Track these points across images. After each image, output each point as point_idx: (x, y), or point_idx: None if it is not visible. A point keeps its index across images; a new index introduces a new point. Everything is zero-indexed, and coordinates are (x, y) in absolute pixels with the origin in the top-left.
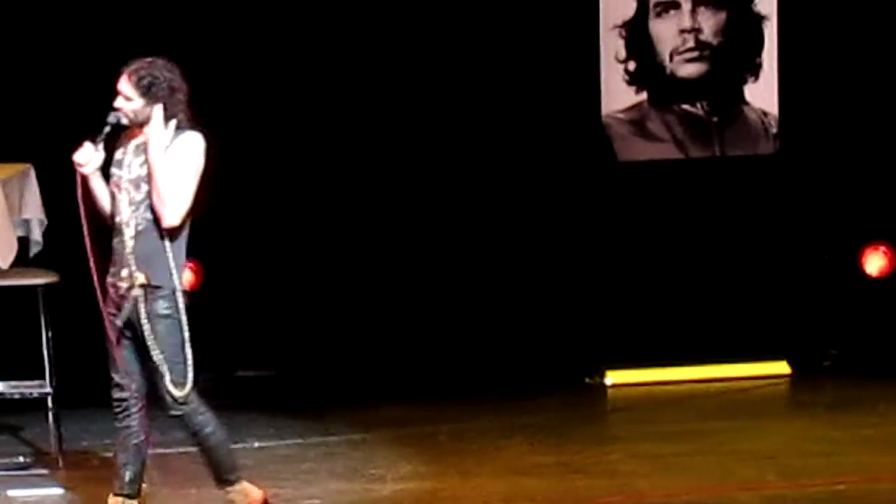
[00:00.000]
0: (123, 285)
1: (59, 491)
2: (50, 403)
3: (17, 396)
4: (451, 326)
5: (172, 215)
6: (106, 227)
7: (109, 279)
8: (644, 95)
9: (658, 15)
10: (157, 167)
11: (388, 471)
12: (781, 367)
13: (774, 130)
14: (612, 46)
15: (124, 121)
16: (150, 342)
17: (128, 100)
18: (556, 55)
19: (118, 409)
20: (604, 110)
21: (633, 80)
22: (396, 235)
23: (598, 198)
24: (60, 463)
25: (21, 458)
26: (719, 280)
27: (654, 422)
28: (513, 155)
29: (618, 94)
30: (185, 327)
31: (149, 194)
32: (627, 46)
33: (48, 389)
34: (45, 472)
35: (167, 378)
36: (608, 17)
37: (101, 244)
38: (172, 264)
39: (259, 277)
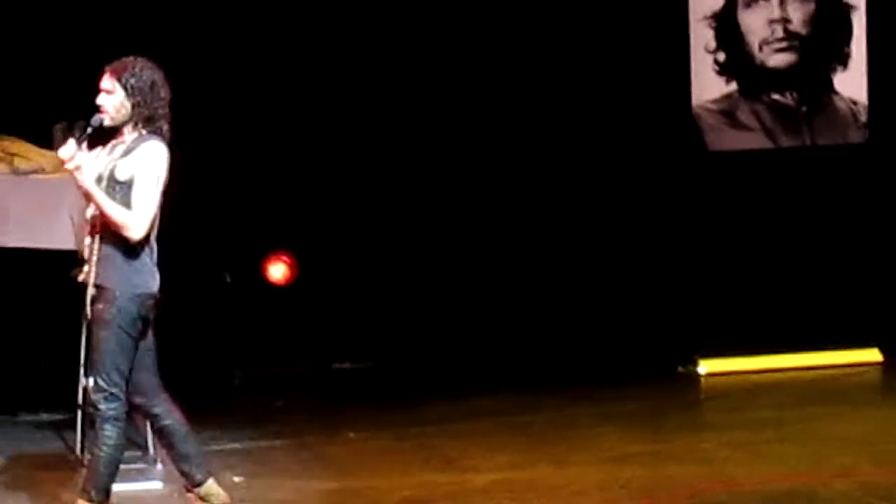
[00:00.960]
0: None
1: (157, 485)
2: None
3: None
4: (546, 316)
5: (135, 232)
6: None
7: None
8: (734, 86)
9: (747, 5)
10: (95, 195)
11: (483, 461)
12: (873, 355)
13: (864, 119)
14: (701, 37)
15: (107, 122)
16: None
17: (109, 93)
18: (646, 46)
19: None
20: (694, 101)
21: (723, 70)
22: (492, 226)
23: (689, 187)
24: (158, 457)
25: None
26: (810, 268)
27: (747, 409)
28: (605, 146)
29: (708, 85)
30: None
31: (113, 195)
32: (717, 37)
33: None
34: (143, 466)
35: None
36: (697, 7)
37: None
38: (130, 269)
39: (354, 269)
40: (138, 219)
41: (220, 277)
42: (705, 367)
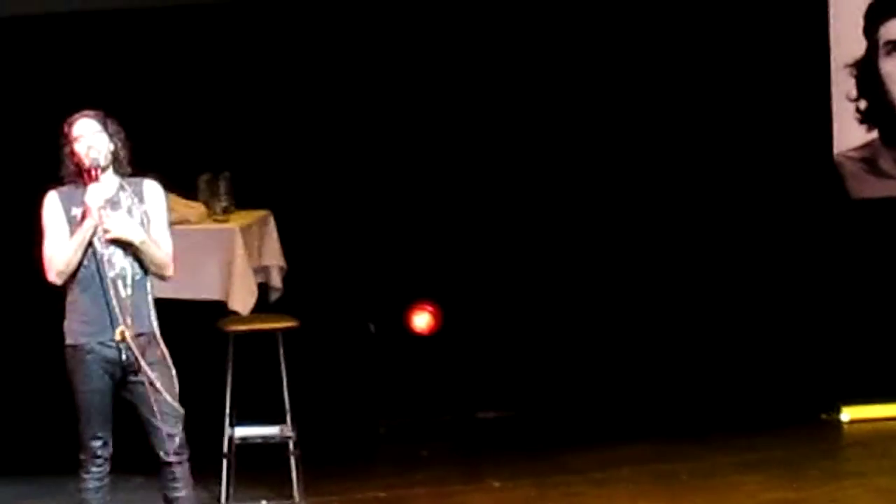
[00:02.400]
0: (118, 336)
1: None
2: (291, 447)
3: (259, 441)
4: (687, 364)
5: (171, 270)
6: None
7: (89, 337)
8: (875, 134)
9: (888, 54)
10: (142, 244)
11: None
12: None
13: None
14: (843, 85)
15: (102, 162)
16: (153, 387)
17: (100, 134)
18: (788, 94)
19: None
20: (836, 149)
21: (865, 118)
22: (632, 278)
23: (831, 235)
24: None
25: (263, 502)
26: None
27: (891, 456)
28: (747, 193)
29: (849, 133)
30: None
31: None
32: (858, 85)
33: (290, 433)
34: None
35: (169, 423)
36: (839, 56)
37: None
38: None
39: (498, 318)
40: (170, 254)
41: (365, 328)
42: (848, 413)
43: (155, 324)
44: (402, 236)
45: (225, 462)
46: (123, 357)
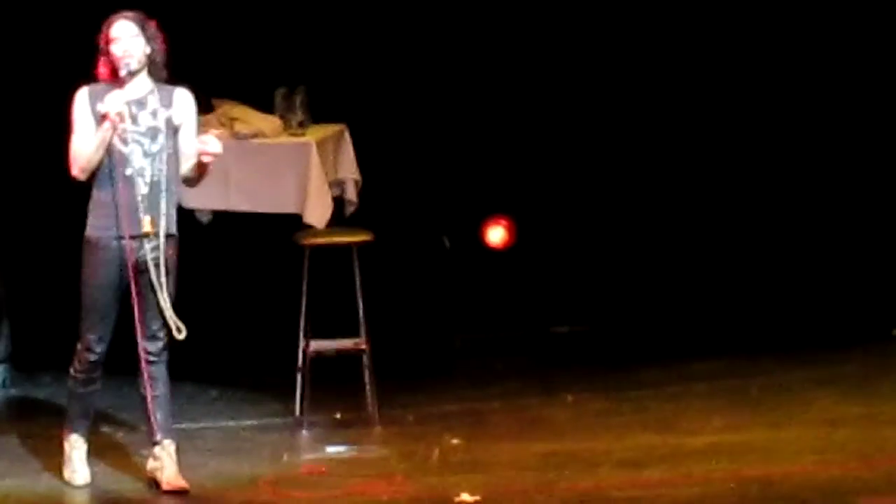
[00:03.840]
0: (136, 233)
1: (375, 447)
2: (365, 360)
3: (333, 354)
4: (763, 279)
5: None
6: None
7: (104, 232)
8: None
9: None
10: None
11: (699, 424)
12: None
13: None
14: None
15: (134, 66)
16: (161, 288)
17: (135, 38)
18: None
19: (94, 371)
20: None
21: None
22: (708, 193)
23: None
24: (376, 419)
25: (338, 415)
26: None
27: None
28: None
29: None
30: None
31: (165, 147)
32: None
33: (364, 346)
34: (361, 428)
35: (170, 323)
36: None
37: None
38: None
39: (572, 233)
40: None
41: (440, 242)
42: None
43: (173, 226)
44: (477, 150)
45: (299, 376)
46: (137, 253)
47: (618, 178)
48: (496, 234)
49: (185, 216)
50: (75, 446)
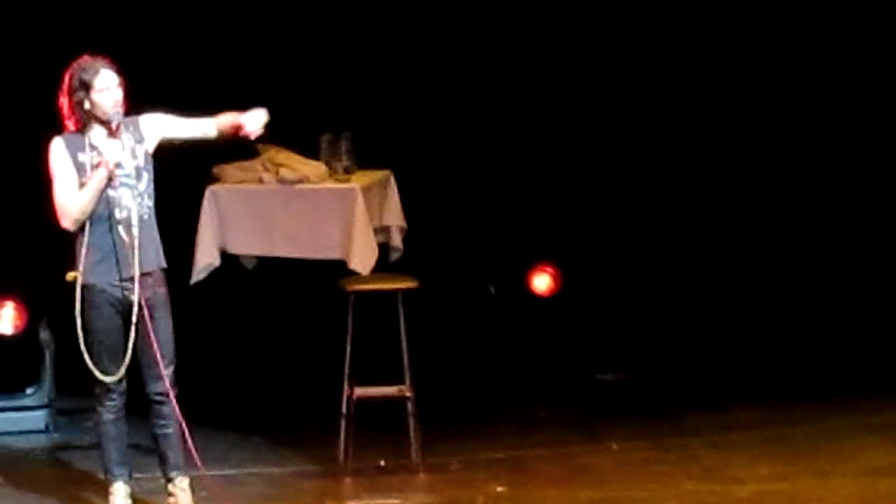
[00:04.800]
0: (131, 275)
1: (419, 495)
2: (410, 407)
3: (377, 400)
4: (807, 326)
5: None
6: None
7: (102, 277)
8: None
9: None
10: None
11: (745, 472)
12: None
13: None
14: None
15: (122, 116)
16: (160, 325)
17: (119, 88)
18: None
19: (119, 407)
20: None
21: None
22: (753, 240)
23: None
24: (420, 467)
25: (381, 462)
26: None
27: None
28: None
29: None
30: None
31: (149, 182)
32: None
33: (408, 393)
34: (405, 475)
35: (163, 363)
36: None
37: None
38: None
39: (618, 280)
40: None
41: (485, 289)
42: None
43: (163, 263)
44: (522, 197)
45: (343, 422)
46: (129, 297)
47: (662, 226)
48: (541, 281)
49: (229, 261)
50: (118, 495)
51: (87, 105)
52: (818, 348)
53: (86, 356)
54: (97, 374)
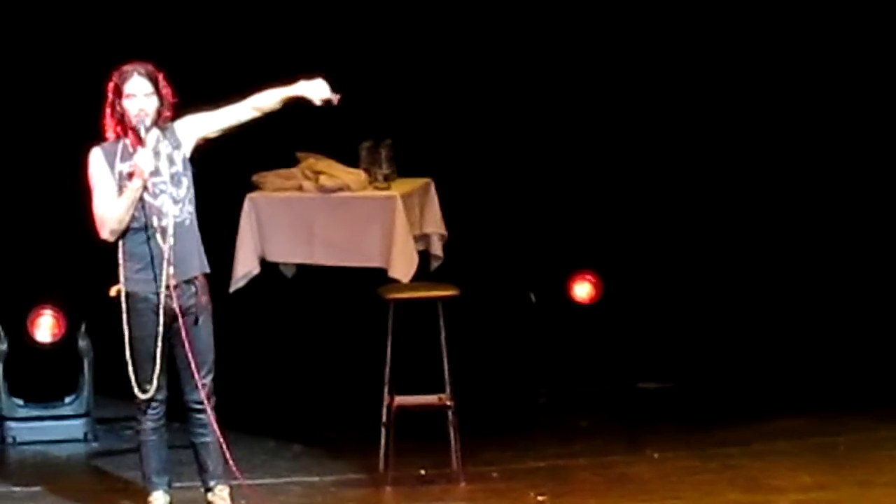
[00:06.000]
0: (173, 283)
1: None
2: (450, 416)
3: (418, 409)
4: (850, 336)
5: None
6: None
7: (144, 286)
8: None
9: None
10: None
11: (787, 482)
12: None
13: None
14: None
15: (148, 124)
16: (200, 334)
17: (150, 97)
18: None
19: (159, 417)
20: None
21: None
22: (795, 248)
23: None
24: (461, 476)
25: (422, 472)
26: None
27: None
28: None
29: None
30: None
31: (189, 187)
32: None
33: (449, 402)
34: (446, 485)
35: (202, 371)
36: None
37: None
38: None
39: (659, 288)
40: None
41: (526, 297)
42: None
43: (206, 268)
44: (563, 205)
45: (384, 430)
46: (170, 304)
47: (704, 235)
48: (582, 290)
49: (269, 270)
50: None
51: (119, 111)
52: (862, 357)
53: (130, 368)
54: (136, 390)
